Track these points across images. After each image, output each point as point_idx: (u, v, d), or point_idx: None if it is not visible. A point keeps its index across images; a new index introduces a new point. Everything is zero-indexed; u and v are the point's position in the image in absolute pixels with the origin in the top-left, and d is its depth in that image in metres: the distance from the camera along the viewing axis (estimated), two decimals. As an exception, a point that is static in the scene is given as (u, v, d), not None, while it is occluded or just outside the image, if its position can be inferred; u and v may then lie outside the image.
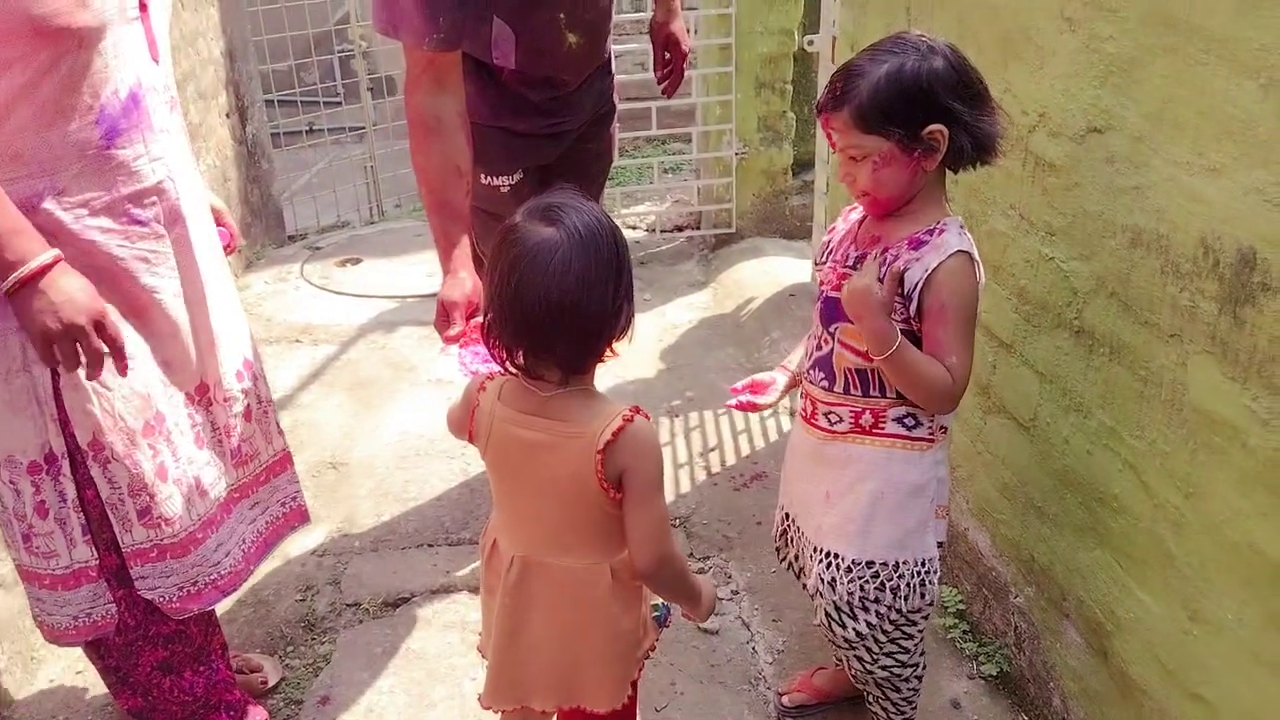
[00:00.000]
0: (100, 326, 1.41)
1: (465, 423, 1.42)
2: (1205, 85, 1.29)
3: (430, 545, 2.52)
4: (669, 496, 2.68)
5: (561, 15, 2.01)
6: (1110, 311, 1.55)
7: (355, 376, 3.37)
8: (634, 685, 1.49)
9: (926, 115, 1.37)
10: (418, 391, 3.25)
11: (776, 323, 3.53)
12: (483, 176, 2.16)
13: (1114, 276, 1.53)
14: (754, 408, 1.66)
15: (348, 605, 2.32)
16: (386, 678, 2.10)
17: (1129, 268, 1.49)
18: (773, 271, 3.96)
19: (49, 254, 1.39)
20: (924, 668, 1.72)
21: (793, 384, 1.70)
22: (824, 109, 1.45)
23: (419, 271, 4.12)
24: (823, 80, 3.17)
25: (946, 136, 1.38)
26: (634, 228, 4.58)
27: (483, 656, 1.53)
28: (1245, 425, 1.27)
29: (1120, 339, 1.53)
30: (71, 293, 1.39)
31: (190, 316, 1.65)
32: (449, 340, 1.77)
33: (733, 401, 1.68)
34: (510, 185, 2.19)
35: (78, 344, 1.40)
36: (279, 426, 1.93)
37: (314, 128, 5.16)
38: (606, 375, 2.95)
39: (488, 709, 1.49)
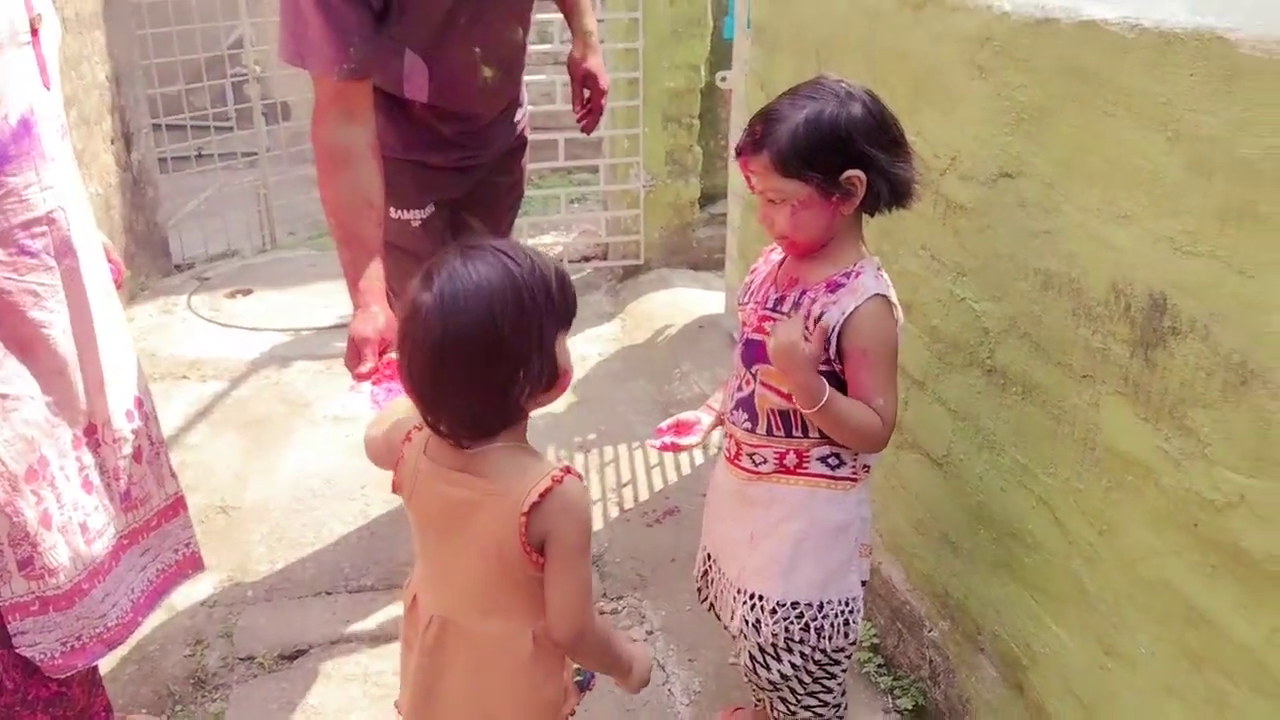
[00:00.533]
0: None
1: (389, 461, 1.37)
2: (1114, 136, 1.33)
3: (329, 593, 2.42)
4: (580, 535, 2.64)
5: (476, 50, 1.98)
6: (1022, 352, 1.58)
7: (247, 414, 3.23)
8: None
9: (845, 161, 1.38)
10: (314, 430, 3.13)
11: (687, 354, 3.53)
12: (392, 210, 2.10)
13: (1026, 318, 1.56)
14: (678, 448, 1.65)
15: (240, 659, 2.20)
16: (284, 735, 2.00)
17: (1041, 310, 1.52)
18: (682, 303, 3.97)
19: None
20: (846, 707, 1.72)
21: (717, 423, 1.69)
22: (743, 152, 1.45)
23: (315, 303, 4.00)
24: (735, 117, 3.21)
25: (864, 182, 1.40)
26: (539, 259, 4.55)
27: (399, 713, 1.46)
28: (1158, 465, 1.30)
29: (1032, 379, 1.56)
30: None
31: (79, 353, 1.55)
32: (360, 377, 1.70)
33: (657, 443, 1.66)
34: (422, 219, 2.14)
35: None
36: (172, 469, 1.83)
37: (203, 153, 4.98)
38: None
39: None
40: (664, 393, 3.39)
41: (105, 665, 2.15)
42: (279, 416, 3.20)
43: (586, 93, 2.38)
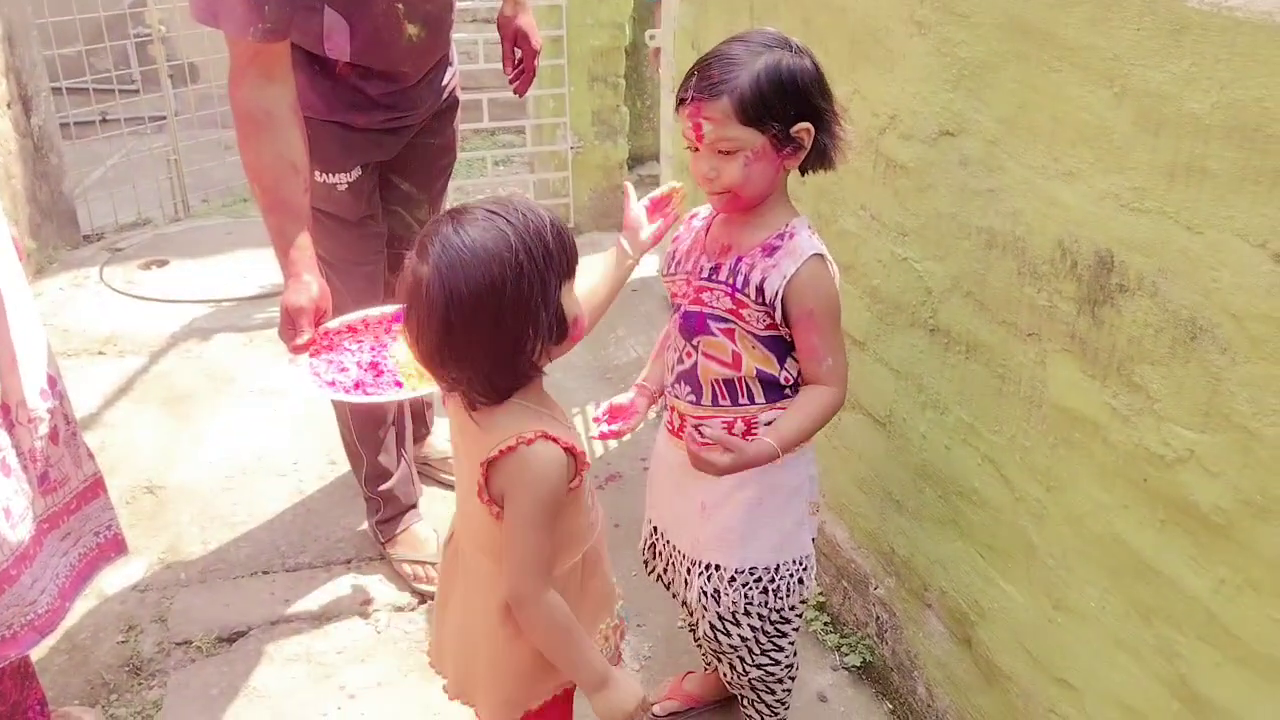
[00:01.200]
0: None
1: None
2: (1059, 92, 1.33)
3: (265, 573, 2.35)
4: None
5: (400, 6, 1.90)
6: (966, 311, 1.58)
7: (169, 390, 3.11)
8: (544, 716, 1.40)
9: (798, 113, 1.37)
10: (241, 404, 3.03)
11: (621, 319, 3.50)
12: (317, 174, 2.02)
13: (969, 277, 1.57)
14: (618, 435, 1.60)
15: (177, 644, 2.13)
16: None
17: (984, 269, 1.52)
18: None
19: None
20: (796, 668, 1.73)
21: (651, 400, 1.66)
22: (698, 97, 1.38)
23: (234, 272, 3.86)
24: (670, 74, 3.16)
25: (812, 135, 1.39)
26: (466, 223, 4.46)
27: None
28: (1105, 421, 1.32)
29: (977, 338, 1.57)
30: None
31: None
32: (297, 350, 1.64)
33: (595, 432, 1.61)
34: (348, 183, 2.06)
35: None
36: (88, 449, 1.75)
37: (108, 117, 4.75)
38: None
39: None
40: (600, 358, 3.36)
41: (33, 656, 2.06)
42: (203, 391, 3.08)
43: (518, 53, 2.30)
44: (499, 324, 1.15)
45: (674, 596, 1.73)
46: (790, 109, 1.36)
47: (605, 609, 1.41)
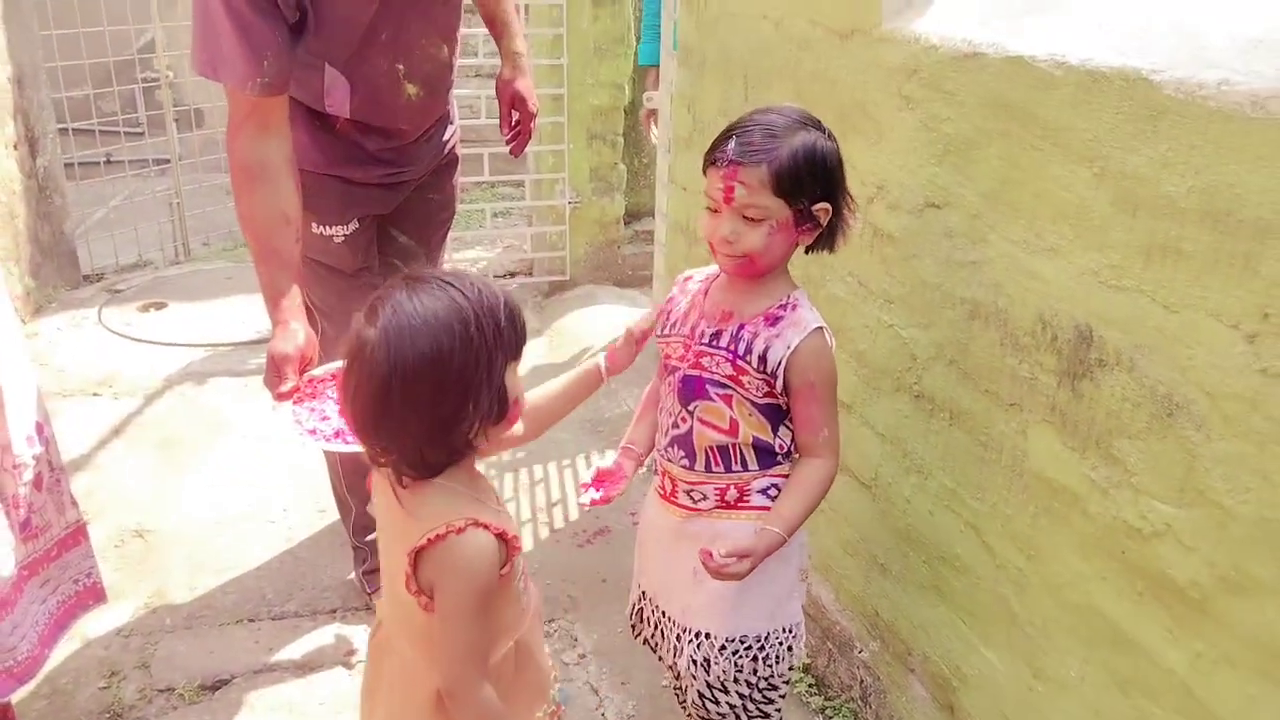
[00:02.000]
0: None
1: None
2: (1040, 170, 1.36)
3: (251, 620, 2.34)
4: (509, 557, 2.61)
5: (400, 66, 1.94)
6: (950, 379, 1.61)
7: (162, 433, 3.12)
8: None
9: (823, 193, 1.41)
10: (233, 450, 3.04)
11: (612, 373, 3.53)
12: (314, 226, 2.05)
13: (953, 345, 1.59)
14: (607, 501, 1.59)
15: (159, 691, 2.11)
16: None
17: (968, 338, 1.55)
18: (607, 320, 3.97)
19: None
20: None
21: (638, 463, 1.66)
22: (736, 160, 1.39)
23: (232, 317, 3.89)
24: (666, 136, 3.21)
25: (829, 215, 1.43)
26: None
27: None
28: (1085, 493, 1.34)
29: (960, 405, 1.59)
30: None
31: None
32: (281, 397, 1.65)
33: (585, 499, 1.60)
34: (345, 235, 2.09)
35: None
36: (72, 496, 1.76)
37: (113, 159, 4.81)
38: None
39: None
40: (592, 410, 3.38)
41: (12, 700, 2.05)
42: (197, 436, 3.09)
43: (515, 115, 2.35)
44: (440, 395, 1.13)
45: (660, 661, 1.72)
46: (818, 188, 1.40)
47: (540, 695, 1.38)
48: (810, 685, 2.14)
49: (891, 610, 1.85)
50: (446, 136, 2.21)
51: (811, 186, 1.40)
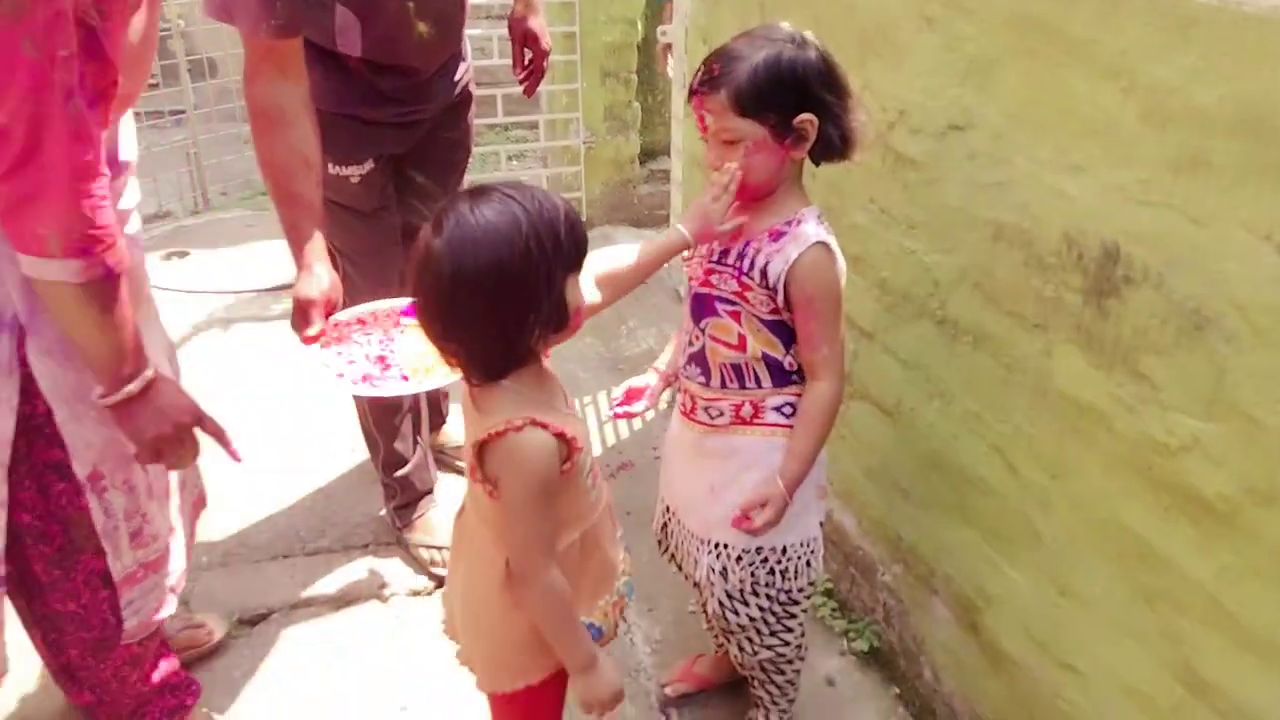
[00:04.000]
0: (201, 420, 1.48)
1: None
2: (1066, 86, 1.35)
3: (286, 557, 2.39)
4: (535, 493, 2.64)
5: (410, 4, 1.93)
6: (973, 302, 1.61)
7: (190, 379, 3.14)
8: (531, 694, 1.43)
9: (799, 104, 1.40)
10: (261, 393, 3.07)
11: (632, 311, 3.53)
12: (330, 166, 2.05)
13: (976, 269, 1.59)
14: (631, 415, 1.66)
15: (198, 626, 2.17)
16: (248, 704, 1.98)
17: (992, 261, 1.55)
18: (624, 259, 3.96)
19: (152, 368, 1.42)
20: (805, 649, 1.76)
21: (666, 384, 1.70)
22: (699, 90, 1.44)
23: (254, 264, 3.90)
24: (681, 70, 3.18)
25: (815, 127, 1.41)
26: (480, 216, 4.49)
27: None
28: (1111, 410, 1.34)
29: (984, 329, 1.59)
30: (173, 397, 1.44)
31: (148, 322, 1.63)
32: (308, 340, 1.67)
33: (613, 411, 1.67)
34: (361, 175, 2.10)
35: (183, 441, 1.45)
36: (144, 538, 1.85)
37: (127, 111, 4.79)
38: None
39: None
40: (611, 349, 3.39)
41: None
42: (224, 381, 3.13)
43: (528, 54, 2.34)
44: (501, 304, 1.17)
45: (685, 578, 1.77)
46: (790, 101, 1.39)
47: (606, 585, 1.43)
48: (833, 609, 2.18)
49: (914, 534, 1.87)
50: (459, 75, 2.19)
51: (780, 100, 1.39)
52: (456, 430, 2.73)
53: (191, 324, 3.48)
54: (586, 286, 1.41)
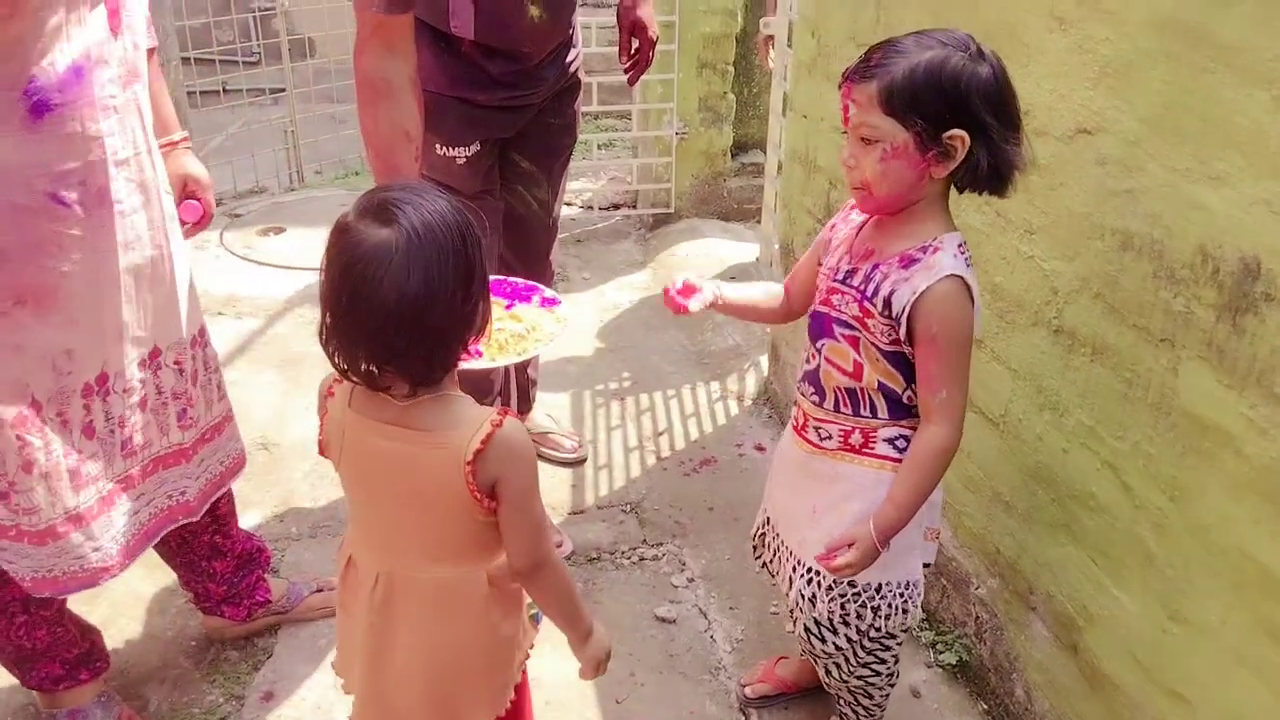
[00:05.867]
0: None
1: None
2: (1211, 93, 1.29)
3: (373, 532, 2.43)
4: (619, 481, 2.65)
5: None
6: (1094, 313, 1.56)
7: (284, 352, 3.23)
8: (519, 690, 1.44)
9: (954, 118, 1.29)
10: (351, 370, 3.13)
11: (719, 306, 3.51)
12: (438, 147, 2.08)
13: (1100, 278, 1.54)
14: (681, 308, 1.62)
15: (334, 588, 2.21)
16: (332, 672, 2.01)
17: (1117, 270, 1.50)
18: (712, 253, 3.94)
19: None
20: (897, 675, 1.71)
21: (713, 303, 1.65)
22: (851, 77, 1.35)
23: (346, 243, 3.97)
24: (783, 63, 3.15)
25: (966, 146, 1.30)
26: (569, 204, 4.51)
27: (338, 675, 1.47)
28: (1240, 432, 1.29)
29: (1104, 340, 1.54)
30: None
31: (97, 304, 1.55)
32: None
33: (668, 288, 1.65)
34: (467, 157, 2.12)
35: None
36: (186, 420, 1.78)
37: (229, 88, 4.92)
38: (546, 355, 2.88)
39: None
40: (697, 343, 3.38)
41: (153, 595, 2.17)
42: (316, 355, 3.12)
43: (635, 43, 2.33)
44: (451, 304, 1.15)
45: (775, 587, 1.73)
46: (944, 111, 1.28)
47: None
48: (922, 621, 2.14)
49: (1014, 548, 1.83)
50: (569, 59, 2.20)
51: (933, 107, 1.28)
52: (542, 417, 2.74)
53: (285, 298, 3.55)
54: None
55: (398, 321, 1.12)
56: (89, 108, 1.45)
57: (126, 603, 2.16)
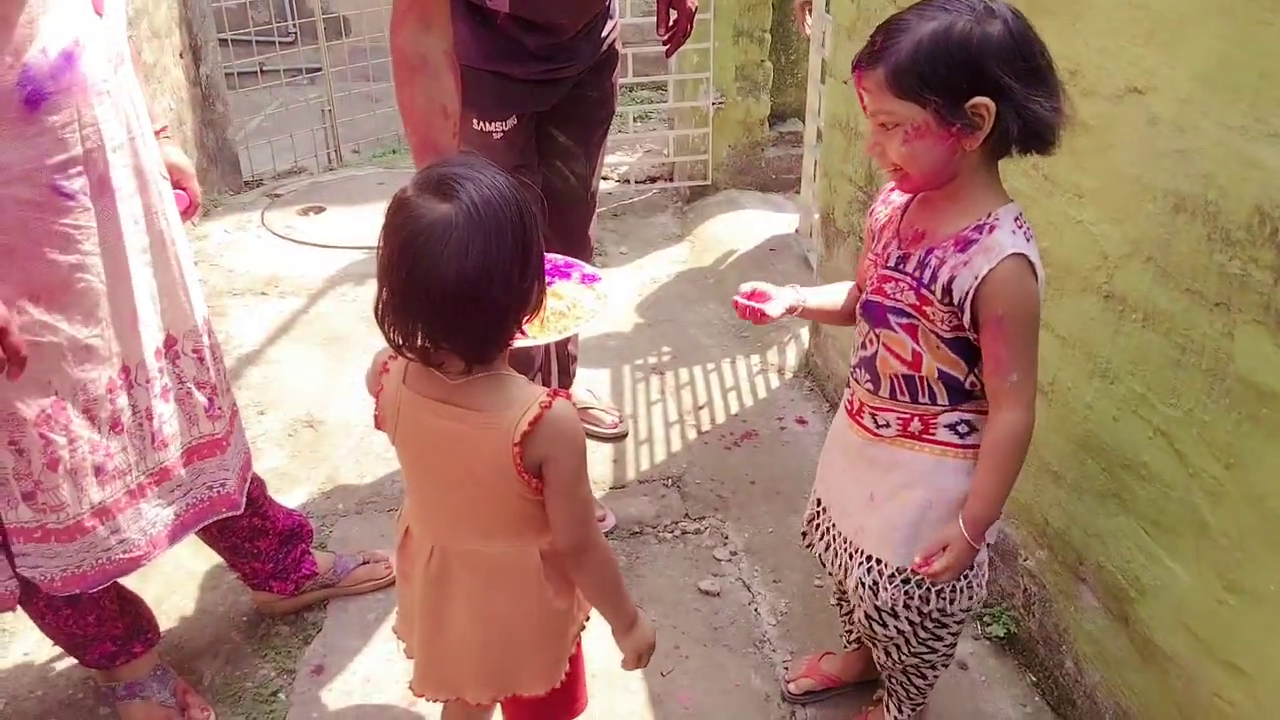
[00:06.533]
0: (2, 333, 1.32)
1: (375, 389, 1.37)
2: (1269, 47, 1.25)
3: (417, 508, 2.45)
4: (660, 455, 2.65)
5: None
6: (1145, 277, 1.52)
7: (327, 331, 3.25)
8: (573, 662, 1.44)
9: (972, 86, 1.21)
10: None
11: (758, 278, 3.38)
12: (475, 122, 2.07)
13: (1151, 242, 1.50)
14: (750, 312, 1.57)
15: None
16: (381, 645, 2.04)
17: (1169, 234, 1.46)
18: (751, 225, 3.91)
19: None
20: (954, 654, 1.67)
21: (790, 310, 1.59)
22: (859, 65, 1.30)
23: (385, 221, 3.99)
24: (820, 29, 3.10)
25: (992, 112, 1.22)
26: (605, 178, 4.49)
27: (399, 639, 1.49)
28: (1300, 398, 1.26)
29: (1156, 305, 1.50)
30: None
31: (112, 294, 1.53)
32: None
33: (736, 299, 1.59)
34: (504, 131, 2.11)
35: None
36: (215, 409, 1.78)
37: (266, 68, 4.95)
38: (585, 331, 2.88)
39: (420, 698, 1.44)
40: (735, 317, 3.35)
41: (208, 571, 2.21)
42: (358, 333, 3.22)
43: (673, 14, 2.30)
44: (507, 281, 1.14)
45: (830, 575, 1.68)
46: (961, 81, 1.21)
47: None
48: (968, 592, 2.12)
49: (1063, 518, 1.80)
50: (605, 32, 2.18)
51: (946, 80, 1.21)
52: (583, 393, 2.74)
53: (326, 277, 3.58)
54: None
55: (456, 297, 1.11)
56: (83, 94, 1.41)
57: (179, 579, 2.20)
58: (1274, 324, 1.29)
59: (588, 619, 1.46)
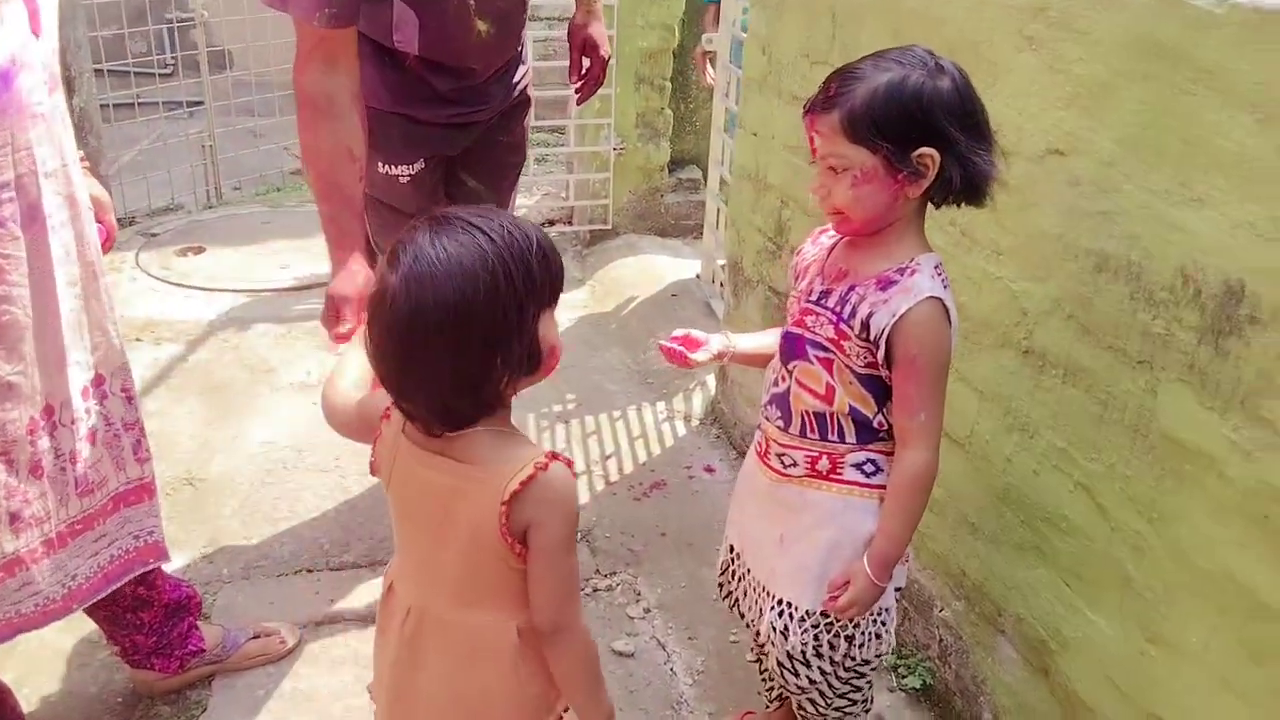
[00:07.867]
0: None
1: (356, 431, 1.30)
2: (1192, 115, 1.29)
3: (310, 570, 2.31)
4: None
5: (471, 2, 1.87)
6: (1067, 334, 1.54)
7: (207, 380, 3.07)
8: None
9: (921, 136, 1.27)
10: (279, 396, 3.00)
11: (661, 323, 3.46)
12: (380, 165, 2.00)
13: (1073, 299, 1.53)
14: (681, 358, 1.54)
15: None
16: (273, 723, 1.90)
17: (1092, 292, 1.48)
18: (652, 270, 3.90)
19: None
20: (872, 703, 1.67)
21: (721, 357, 1.58)
22: (812, 109, 1.33)
23: (271, 262, 3.82)
24: (725, 80, 3.13)
25: (936, 163, 1.29)
26: (502, 221, 4.43)
27: (372, 700, 1.39)
28: (1224, 455, 1.28)
29: (1077, 362, 1.53)
30: None
31: (38, 330, 1.43)
32: (339, 338, 1.61)
33: (664, 341, 1.55)
34: (410, 175, 2.04)
35: None
36: (142, 452, 1.69)
37: (142, 100, 4.72)
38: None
39: None
40: (640, 362, 3.33)
41: (72, 650, 2.02)
42: (241, 382, 3.05)
43: (586, 61, 2.28)
44: (464, 347, 1.07)
45: (748, 625, 1.65)
46: (909, 131, 1.27)
47: None
48: (884, 645, 2.11)
49: (981, 570, 1.81)
50: (517, 77, 2.14)
51: (897, 129, 1.27)
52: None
53: (207, 322, 3.40)
54: None
55: (401, 361, 1.09)
56: (18, 116, 1.34)
57: (43, 658, 2.00)
58: (1198, 383, 1.32)
59: (566, 710, 1.33)
